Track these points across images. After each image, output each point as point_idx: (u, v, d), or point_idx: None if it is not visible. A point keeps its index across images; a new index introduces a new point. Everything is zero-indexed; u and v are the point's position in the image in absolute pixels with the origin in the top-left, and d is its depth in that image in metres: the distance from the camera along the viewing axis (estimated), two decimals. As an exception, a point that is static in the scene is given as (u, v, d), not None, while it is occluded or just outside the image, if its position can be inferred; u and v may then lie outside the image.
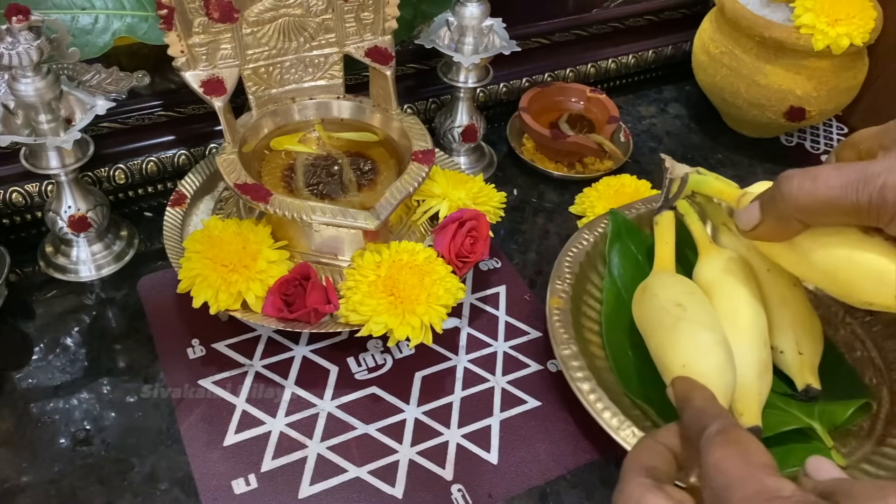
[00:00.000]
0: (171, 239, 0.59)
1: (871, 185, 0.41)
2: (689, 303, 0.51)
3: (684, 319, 0.50)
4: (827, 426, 0.52)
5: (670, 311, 0.50)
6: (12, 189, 0.63)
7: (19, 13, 0.49)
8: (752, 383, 0.50)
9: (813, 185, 0.43)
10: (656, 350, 0.51)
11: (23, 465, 0.50)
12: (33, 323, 0.58)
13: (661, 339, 0.50)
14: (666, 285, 0.53)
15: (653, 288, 0.53)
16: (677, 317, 0.50)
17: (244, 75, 0.58)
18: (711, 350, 0.48)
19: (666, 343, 0.50)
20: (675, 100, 0.86)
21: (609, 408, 0.50)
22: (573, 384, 0.52)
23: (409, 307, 0.52)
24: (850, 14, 0.69)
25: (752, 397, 0.50)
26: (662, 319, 0.51)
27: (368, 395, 0.55)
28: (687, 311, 0.50)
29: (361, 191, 0.59)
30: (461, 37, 0.66)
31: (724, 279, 0.53)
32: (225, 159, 0.56)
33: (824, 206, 0.43)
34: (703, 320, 0.50)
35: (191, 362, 0.56)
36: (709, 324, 0.50)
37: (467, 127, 0.71)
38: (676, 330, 0.49)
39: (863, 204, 0.41)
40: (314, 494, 0.50)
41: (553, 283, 0.58)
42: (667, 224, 0.58)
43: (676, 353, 0.48)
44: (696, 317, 0.50)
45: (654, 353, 0.51)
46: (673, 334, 0.49)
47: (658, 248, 0.57)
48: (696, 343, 0.48)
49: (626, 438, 0.49)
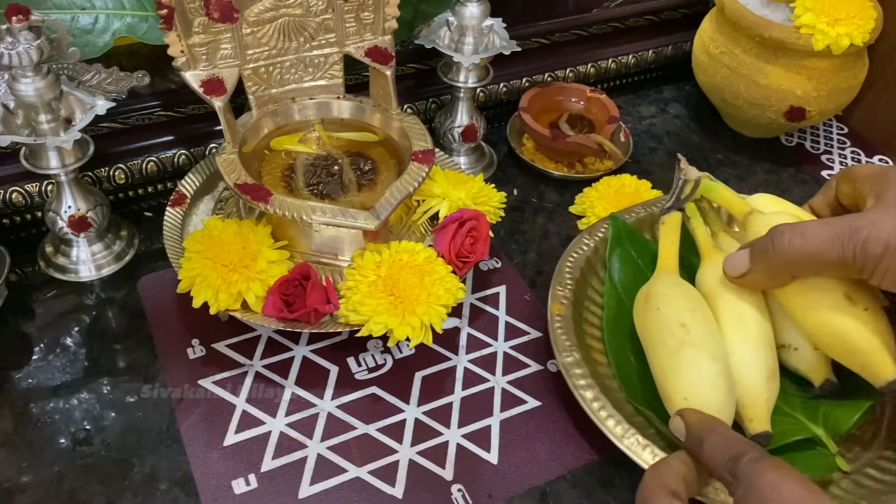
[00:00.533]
0: (172, 239, 0.59)
1: (855, 238, 0.43)
2: (694, 323, 0.50)
3: (688, 344, 0.49)
4: (832, 433, 0.52)
5: (674, 332, 0.50)
6: (12, 189, 0.63)
7: (19, 13, 0.49)
8: (760, 389, 0.50)
9: (802, 241, 0.45)
10: (657, 373, 0.51)
11: (23, 465, 0.50)
12: (33, 323, 0.58)
13: (663, 362, 0.50)
14: (670, 298, 0.52)
15: (656, 298, 0.53)
16: (681, 340, 0.49)
17: (244, 75, 0.58)
18: (715, 383, 0.48)
19: (668, 369, 0.49)
20: (675, 100, 0.86)
21: (613, 416, 0.50)
22: (576, 392, 0.51)
23: (409, 307, 0.52)
24: (850, 14, 0.69)
25: (761, 403, 0.49)
26: (666, 341, 0.50)
27: (368, 395, 0.55)
28: (691, 335, 0.49)
29: (361, 191, 0.59)
30: (461, 37, 0.66)
31: (728, 284, 0.53)
32: (225, 159, 0.56)
33: (813, 259, 0.45)
34: (707, 346, 0.49)
35: (191, 362, 0.56)
36: (712, 350, 0.49)
37: (467, 127, 0.71)
38: (679, 355, 0.49)
39: (847, 257, 0.44)
40: (314, 494, 0.50)
41: (554, 289, 0.58)
42: (673, 225, 0.57)
43: (679, 383, 0.49)
44: (700, 341, 0.49)
45: (655, 375, 0.51)
46: (675, 360, 0.49)
47: (662, 249, 0.57)
48: (700, 375, 0.48)
49: (631, 447, 0.49)
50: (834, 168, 0.79)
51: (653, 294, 0.53)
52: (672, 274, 0.55)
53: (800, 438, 0.51)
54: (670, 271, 0.55)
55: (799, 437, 0.51)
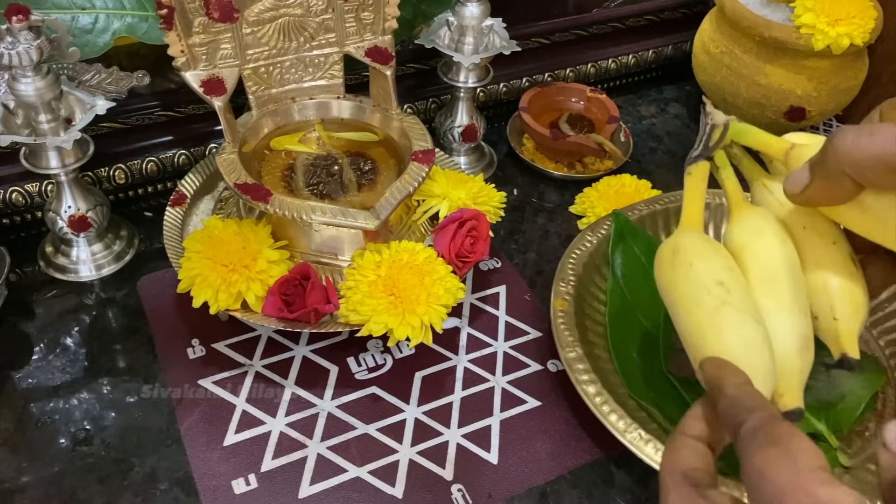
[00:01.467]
0: (171, 239, 0.59)
1: None
2: (733, 284, 0.45)
3: (729, 304, 0.44)
4: (833, 429, 0.52)
5: (711, 290, 0.45)
6: (12, 189, 0.63)
7: (19, 13, 0.49)
8: (793, 360, 0.45)
9: (870, 140, 0.38)
10: (693, 332, 0.45)
11: (23, 465, 0.50)
12: (33, 323, 0.58)
13: (700, 321, 0.44)
14: (704, 254, 0.47)
15: (687, 253, 0.47)
16: (721, 300, 0.44)
17: (244, 75, 0.58)
18: (762, 350, 0.43)
19: (707, 328, 0.44)
20: (675, 100, 0.86)
21: (615, 410, 0.50)
22: (579, 387, 0.51)
23: (409, 307, 0.52)
24: (850, 14, 0.69)
25: (794, 375, 0.45)
26: (702, 298, 0.45)
27: (368, 395, 0.55)
28: (731, 295, 0.44)
29: (361, 190, 0.59)
30: (461, 37, 0.66)
31: (759, 242, 0.48)
32: (225, 159, 0.56)
33: (881, 162, 0.38)
34: (750, 309, 0.44)
35: (191, 362, 0.56)
36: (755, 314, 0.44)
37: (467, 127, 0.71)
38: (721, 315, 0.44)
39: None
40: (314, 494, 0.50)
41: (557, 286, 0.58)
42: (700, 176, 0.50)
43: (721, 344, 0.43)
44: (742, 304, 0.44)
45: (689, 335, 0.45)
46: (717, 321, 0.44)
47: (687, 204, 0.50)
48: (746, 340, 0.43)
49: (633, 441, 0.49)
50: (834, 168, 0.79)
51: (682, 248, 0.47)
52: (697, 230, 0.49)
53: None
54: (695, 228, 0.49)
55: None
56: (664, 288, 0.48)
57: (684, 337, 0.46)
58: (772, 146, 0.49)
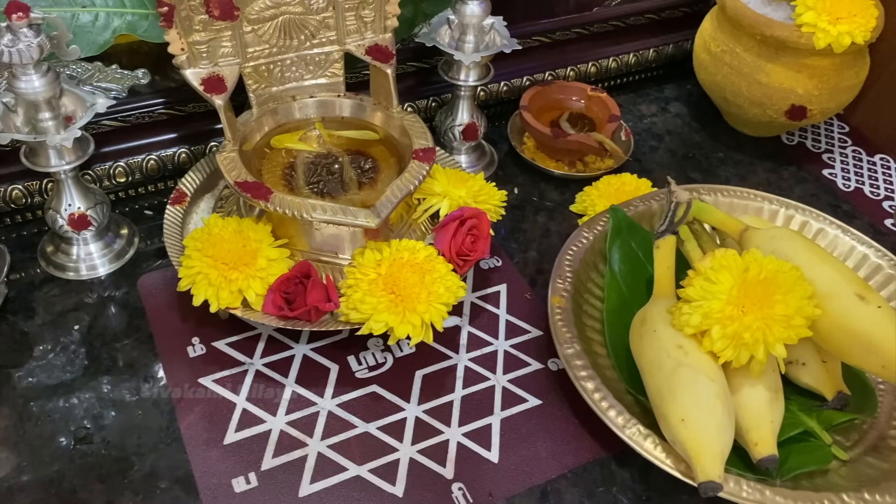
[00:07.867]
0: (172, 237, 0.59)
1: None
2: (691, 345, 0.49)
3: (685, 365, 0.48)
4: (825, 425, 0.52)
5: (671, 353, 0.49)
6: (12, 187, 0.63)
7: (19, 10, 0.49)
8: (763, 412, 0.49)
9: None
10: (654, 395, 0.50)
11: (23, 463, 0.50)
12: (33, 321, 0.58)
13: (660, 384, 0.49)
14: (667, 320, 0.51)
15: (653, 321, 0.52)
16: (678, 361, 0.49)
17: (245, 73, 0.58)
18: (712, 405, 0.47)
19: (664, 390, 0.49)
20: (676, 98, 0.86)
21: (614, 406, 0.50)
22: (577, 383, 0.52)
23: (409, 305, 0.52)
24: (851, 12, 0.69)
25: (766, 426, 0.49)
26: (662, 362, 0.49)
27: (369, 394, 0.55)
28: (689, 356, 0.49)
29: (362, 189, 0.59)
30: (462, 35, 0.66)
31: None
32: (225, 157, 0.56)
33: None
34: (705, 366, 0.48)
35: (191, 361, 0.56)
36: (710, 370, 0.48)
37: (468, 125, 0.71)
38: (676, 376, 0.48)
39: None
40: (314, 493, 0.50)
41: (554, 282, 0.58)
42: (668, 249, 0.56)
43: (676, 404, 0.48)
44: (697, 362, 0.48)
45: (652, 398, 0.50)
46: (672, 381, 0.48)
47: (658, 273, 0.56)
48: (698, 395, 0.47)
49: (632, 436, 0.49)
50: (835, 167, 0.79)
51: (649, 317, 0.52)
52: (669, 298, 0.54)
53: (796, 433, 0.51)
54: (667, 295, 0.55)
55: (794, 432, 0.51)
56: (635, 355, 0.53)
57: (650, 398, 0.51)
58: (728, 225, 0.55)
